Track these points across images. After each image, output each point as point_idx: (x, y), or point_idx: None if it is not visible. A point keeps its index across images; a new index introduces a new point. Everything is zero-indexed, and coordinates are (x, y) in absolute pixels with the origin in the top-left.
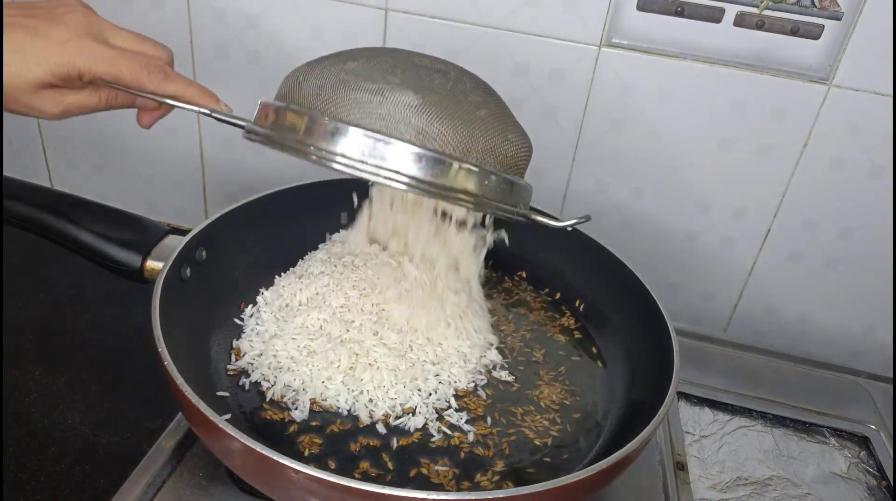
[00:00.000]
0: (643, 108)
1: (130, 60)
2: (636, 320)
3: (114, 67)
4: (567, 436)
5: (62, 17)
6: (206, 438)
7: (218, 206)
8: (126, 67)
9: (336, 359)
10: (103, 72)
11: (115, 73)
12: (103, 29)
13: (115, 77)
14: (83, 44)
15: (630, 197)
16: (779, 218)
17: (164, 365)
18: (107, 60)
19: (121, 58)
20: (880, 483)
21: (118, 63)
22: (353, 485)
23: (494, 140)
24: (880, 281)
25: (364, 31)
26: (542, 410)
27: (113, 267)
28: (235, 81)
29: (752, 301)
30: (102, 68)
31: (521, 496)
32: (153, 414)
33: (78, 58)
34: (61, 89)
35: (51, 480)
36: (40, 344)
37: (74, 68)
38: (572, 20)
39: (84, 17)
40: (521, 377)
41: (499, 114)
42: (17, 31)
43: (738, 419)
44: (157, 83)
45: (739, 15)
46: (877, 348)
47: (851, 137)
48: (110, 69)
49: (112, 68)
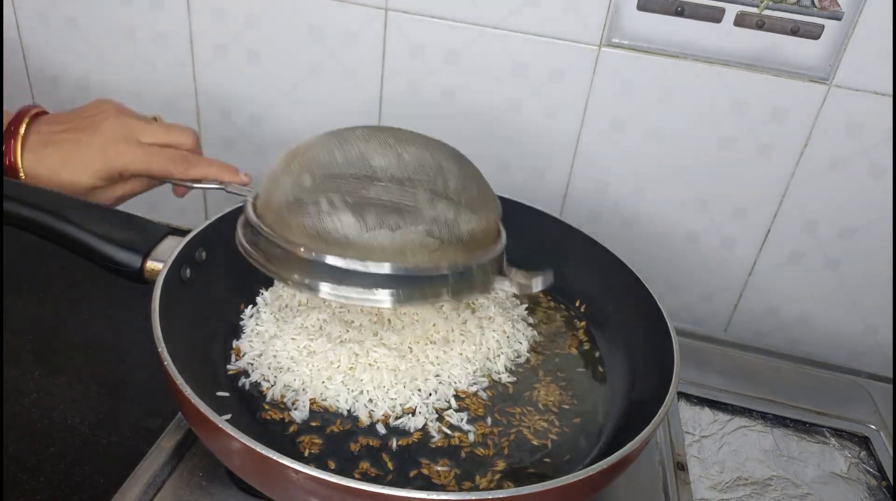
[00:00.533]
0: (643, 108)
1: (158, 156)
2: (636, 320)
3: (145, 164)
4: (567, 436)
5: (99, 126)
6: (206, 438)
7: (218, 206)
8: (155, 163)
9: (336, 359)
10: (137, 170)
11: (146, 168)
12: (134, 129)
13: (147, 172)
14: (119, 148)
15: (630, 197)
16: (779, 218)
17: (164, 366)
18: (139, 159)
19: (150, 155)
20: (880, 484)
21: (148, 160)
22: (353, 485)
23: (470, 227)
24: (880, 281)
25: (364, 31)
26: (542, 410)
27: (113, 267)
28: (235, 81)
29: (752, 301)
30: (136, 167)
31: (521, 496)
32: (153, 414)
33: (116, 162)
34: (109, 186)
35: (51, 480)
36: (40, 344)
37: (115, 170)
38: (572, 20)
39: (117, 121)
40: (520, 378)
41: (472, 200)
42: (65, 145)
43: (738, 419)
44: (182, 171)
45: (739, 15)
46: (877, 348)
47: (851, 137)
48: (143, 166)
49: (144, 165)
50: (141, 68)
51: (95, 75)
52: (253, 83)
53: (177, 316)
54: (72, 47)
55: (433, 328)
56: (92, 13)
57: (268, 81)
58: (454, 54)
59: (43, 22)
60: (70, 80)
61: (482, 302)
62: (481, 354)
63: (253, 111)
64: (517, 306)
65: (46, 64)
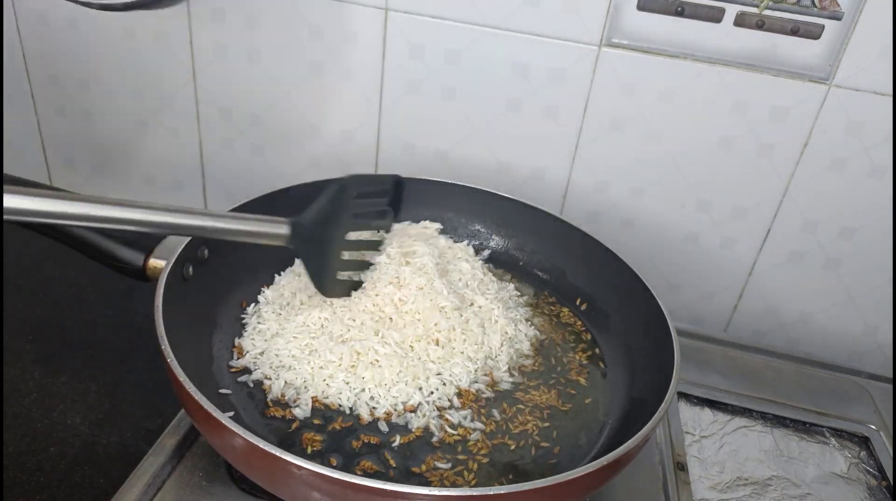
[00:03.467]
0: (643, 108)
1: None
2: (637, 319)
3: None
4: (568, 434)
5: None
6: (209, 435)
7: (218, 206)
8: None
9: (337, 357)
10: None
11: None
12: None
13: None
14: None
15: (630, 197)
16: (779, 218)
17: (168, 363)
18: None
19: None
20: (880, 483)
21: None
22: (355, 481)
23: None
24: (880, 281)
25: (364, 31)
26: (543, 408)
27: (115, 265)
28: (235, 81)
29: (752, 301)
30: None
31: (521, 492)
32: (153, 414)
33: None
34: None
35: (51, 480)
36: (40, 344)
37: None
38: (572, 20)
39: None
40: (522, 376)
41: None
42: None
43: (738, 419)
44: None
45: (739, 15)
46: (877, 348)
47: (851, 137)
48: None
49: None
50: (141, 68)
51: (95, 75)
52: (253, 83)
53: (179, 314)
54: (72, 47)
55: (435, 327)
56: (92, 13)
57: (268, 80)
58: (454, 54)
59: (43, 22)
60: (70, 80)
61: (483, 303)
62: (483, 353)
63: (253, 111)
64: (519, 305)
65: (46, 64)
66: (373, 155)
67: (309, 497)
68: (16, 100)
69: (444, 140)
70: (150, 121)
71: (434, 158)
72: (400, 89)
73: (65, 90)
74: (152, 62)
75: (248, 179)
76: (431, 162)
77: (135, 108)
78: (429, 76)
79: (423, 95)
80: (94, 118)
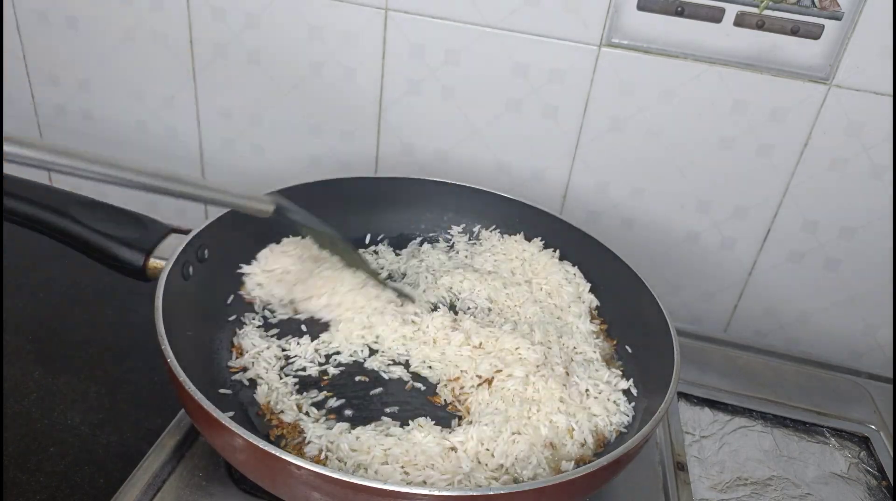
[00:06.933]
0: (643, 108)
1: None
2: (636, 319)
3: None
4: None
5: None
6: (209, 435)
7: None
8: None
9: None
10: None
11: None
12: None
13: None
14: None
15: (630, 197)
16: (779, 218)
17: (168, 363)
18: None
19: None
20: (880, 483)
21: None
22: (355, 481)
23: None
24: (880, 281)
25: (364, 31)
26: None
27: (116, 265)
28: (235, 81)
29: (752, 301)
30: None
31: (520, 492)
32: (153, 414)
33: None
34: None
35: (51, 480)
36: (40, 344)
37: None
38: (572, 20)
39: None
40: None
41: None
42: None
43: (738, 419)
44: None
45: (739, 15)
46: (877, 348)
47: (851, 137)
48: None
49: None
50: (141, 69)
51: (95, 75)
52: (253, 83)
53: (179, 313)
54: (72, 47)
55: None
56: (92, 13)
57: (268, 80)
58: (454, 54)
59: (43, 22)
60: (70, 80)
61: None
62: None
63: (253, 111)
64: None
65: (46, 64)
66: (373, 155)
67: (309, 497)
68: (16, 100)
69: (444, 140)
70: (150, 121)
71: (434, 158)
72: (400, 89)
73: (65, 90)
74: (152, 62)
75: (248, 179)
76: (431, 162)
77: (135, 108)
78: (429, 76)
79: (423, 95)
80: (94, 118)
